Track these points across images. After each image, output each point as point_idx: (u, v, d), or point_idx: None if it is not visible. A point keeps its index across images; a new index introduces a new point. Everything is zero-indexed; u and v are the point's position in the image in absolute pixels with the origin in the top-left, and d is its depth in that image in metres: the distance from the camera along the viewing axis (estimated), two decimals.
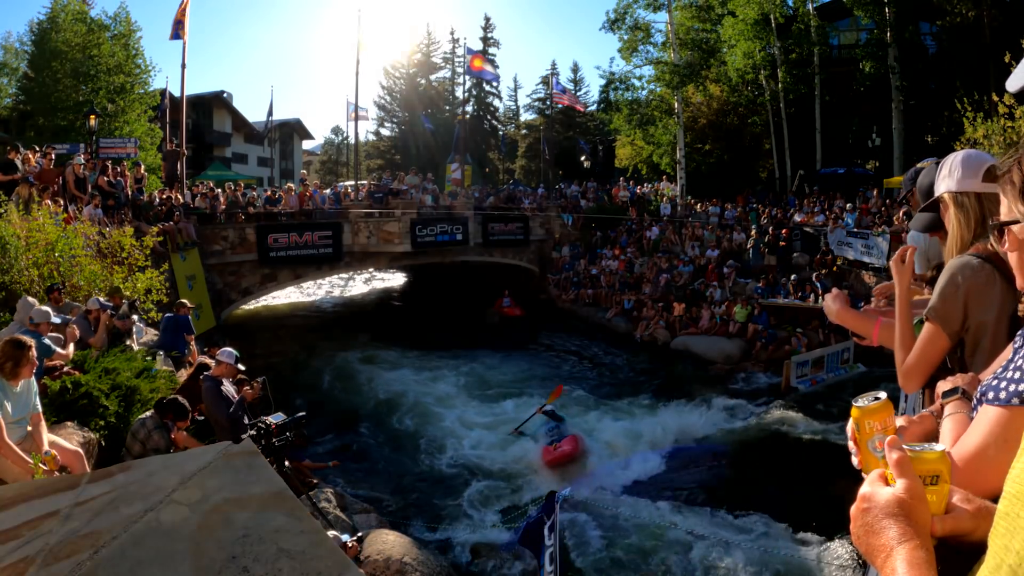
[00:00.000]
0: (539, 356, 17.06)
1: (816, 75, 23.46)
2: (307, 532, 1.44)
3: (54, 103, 21.60)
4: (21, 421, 4.29)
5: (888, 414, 1.08)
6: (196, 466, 1.64)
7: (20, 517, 1.42)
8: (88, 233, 9.50)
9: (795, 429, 11.34)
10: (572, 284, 21.07)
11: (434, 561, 6.65)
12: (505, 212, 23.14)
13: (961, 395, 1.38)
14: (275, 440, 5.79)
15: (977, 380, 1.48)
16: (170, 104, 22.83)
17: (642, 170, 29.03)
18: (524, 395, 13.54)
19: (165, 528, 1.38)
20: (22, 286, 7.83)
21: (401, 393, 13.81)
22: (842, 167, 22.98)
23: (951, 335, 1.69)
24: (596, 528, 8.26)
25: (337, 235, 18.43)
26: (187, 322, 8.87)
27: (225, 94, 42.13)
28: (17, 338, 4.36)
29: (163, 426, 4.99)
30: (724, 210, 21.81)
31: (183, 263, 14.34)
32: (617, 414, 12.39)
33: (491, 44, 45.12)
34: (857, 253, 16.33)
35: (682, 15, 25.67)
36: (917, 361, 1.76)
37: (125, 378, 6.07)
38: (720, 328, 16.13)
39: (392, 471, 10.67)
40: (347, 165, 49.70)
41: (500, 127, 48.57)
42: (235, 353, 6.38)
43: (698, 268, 18.93)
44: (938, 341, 1.71)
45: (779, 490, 9.25)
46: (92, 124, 16.45)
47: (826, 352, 13.74)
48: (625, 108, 26.43)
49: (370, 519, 7.67)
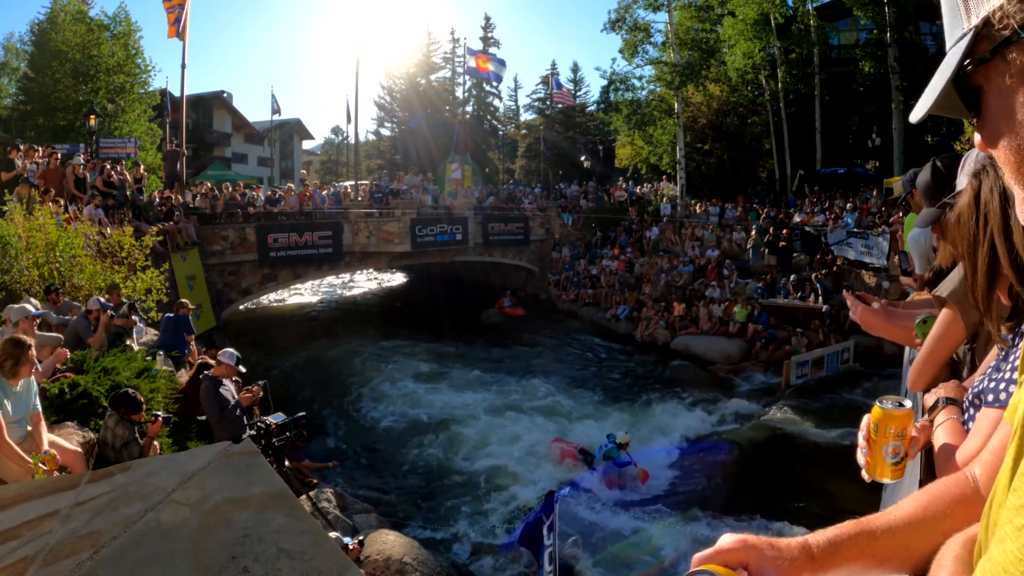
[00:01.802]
0: (539, 356, 17.05)
1: (816, 75, 23.46)
2: (307, 532, 1.44)
3: (54, 103, 21.60)
4: (21, 421, 4.28)
5: (909, 423, 1.09)
6: (196, 466, 1.63)
7: (20, 517, 1.42)
8: (88, 233, 9.50)
9: (795, 429, 11.34)
10: (572, 284, 21.08)
11: (434, 561, 6.65)
12: (505, 212, 23.15)
13: (945, 403, 1.38)
14: (275, 440, 5.80)
15: (961, 386, 1.48)
16: (170, 104, 22.82)
17: (642, 170, 29.03)
18: (524, 395, 13.55)
19: (165, 528, 1.38)
20: (22, 286, 7.83)
21: (401, 393, 13.82)
22: (842, 167, 22.98)
23: (969, 325, 1.62)
24: (596, 528, 8.26)
25: (337, 235, 18.44)
26: (187, 322, 8.87)
27: (225, 94, 42.11)
28: (17, 337, 4.36)
29: (123, 420, 5.00)
30: (724, 210, 21.81)
31: (183, 263, 14.33)
32: (617, 414, 12.39)
33: (491, 44, 45.09)
34: (857, 253, 16.33)
35: (682, 15, 25.67)
36: (930, 352, 1.71)
37: (125, 378, 6.06)
38: (720, 328, 16.13)
39: (392, 471, 10.67)
40: (347, 165, 49.70)
41: (500, 127, 48.55)
42: (236, 354, 6.38)
43: (698, 268, 18.93)
44: (955, 329, 1.64)
45: (779, 490, 9.26)
46: (92, 124, 16.44)
47: (826, 352, 13.74)
48: (625, 108, 26.43)
49: (370, 519, 7.67)
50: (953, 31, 0.59)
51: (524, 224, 22.31)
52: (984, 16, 0.54)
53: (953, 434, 1.28)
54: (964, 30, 0.56)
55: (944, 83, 0.58)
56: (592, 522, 8.39)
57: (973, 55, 0.55)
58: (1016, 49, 0.52)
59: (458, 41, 44.53)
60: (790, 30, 23.57)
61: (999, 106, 0.55)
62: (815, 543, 0.86)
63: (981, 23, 0.54)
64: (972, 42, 0.55)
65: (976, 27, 0.55)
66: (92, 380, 5.80)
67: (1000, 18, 0.52)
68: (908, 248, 3.71)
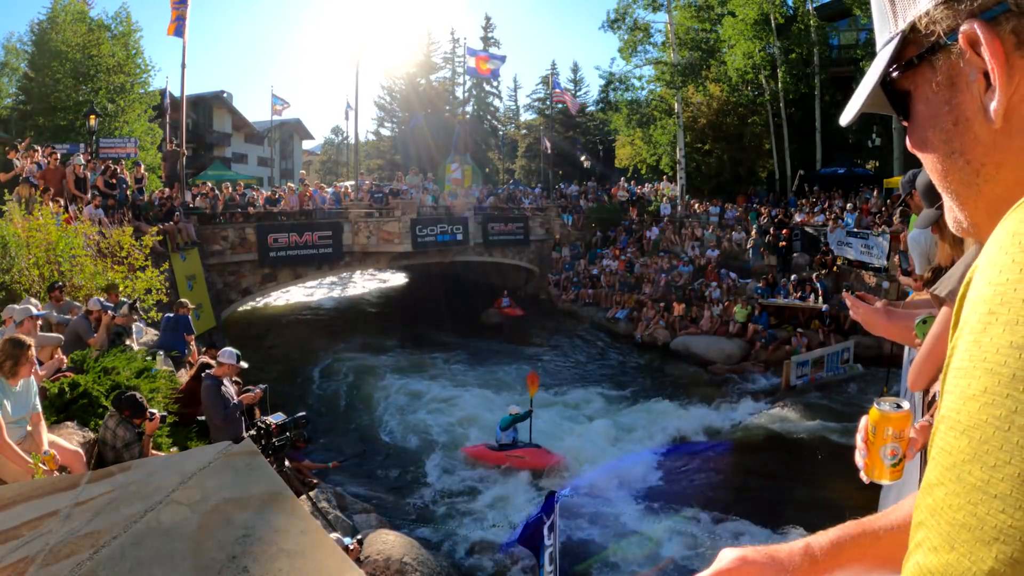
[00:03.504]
0: (539, 356, 17.06)
1: (816, 75, 23.45)
2: (307, 532, 1.44)
3: (54, 103, 21.59)
4: (21, 421, 4.28)
5: (907, 424, 1.10)
6: (196, 466, 1.63)
7: (20, 517, 1.42)
8: (88, 233, 9.50)
9: (795, 429, 11.34)
10: (572, 284, 21.08)
11: (434, 561, 6.65)
12: (505, 212, 23.15)
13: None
14: (275, 440, 5.80)
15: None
16: (170, 104, 22.81)
17: (642, 170, 29.02)
18: (524, 395, 13.54)
19: (165, 528, 1.38)
20: (22, 286, 7.83)
21: (401, 393, 13.82)
22: (842, 167, 22.97)
23: None
24: (596, 528, 8.26)
25: (337, 235, 18.44)
26: (187, 322, 8.87)
27: (225, 94, 42.09)
28: (16, 337, 4.35)
29: (124, 421, 5.00)
30: (724, 210, 21.80)
31: (183, 263, 14.33)
32: (617, 414, 12.39)
33: (491, 44, 45.09)
34: (857, 253, 16.32)
35: (682, 15, 25.66)
36: (930, 351, 1.71)
37: (125, 378, 6.06)
38: (720, 328, 16.13)
39: (392, 471, 10.67)
40: (347, 165, 49.69)
41: (500, 127, 48.55)
42: (236, 352, 6.39)
43: (698, 268, 18.93)
44: None
45: (779, 490, 9.26)
46: (92, 124, 16.44)
47: (826, 352, 13.74)
48: (625, 108, 26.41)
49: (370, 519, 7.68)
50: (882, 33, 0.57)
51: (524, 224, 22.32)
52: (911, 21, 0.52)
53: None
54: (892, 33, 0.55)
55: (872, 85, 0.57)
56: (592, 522, 8.39)
57: (900, 59, 0.54)
58: (942, 56, 0.51)
59: (458, 41, 44.55)
60: (790, 30, 23.56)
61: (925, 113, 0.54)
62: (818, 546, 0.86)
63: (908, 27, 0.53)
64: (899, 46, 0.54)
65: (903, 31, 0.54)
66: (92, 380, 5.79)
67: (927, 24, 0.51)
68: (909, 248, 3.71)
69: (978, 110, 0.50)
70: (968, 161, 0.52)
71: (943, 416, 0.44)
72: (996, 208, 0.52)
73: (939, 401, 0.45)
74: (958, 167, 0.53)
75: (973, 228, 0.56)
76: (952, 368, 0.45)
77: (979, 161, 0.51)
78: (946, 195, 0.56)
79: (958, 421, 0.42)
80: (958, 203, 0.55)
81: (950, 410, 0.44)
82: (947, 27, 0.50)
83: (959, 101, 0.51)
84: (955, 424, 0.43)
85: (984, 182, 0.52)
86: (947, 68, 0.51)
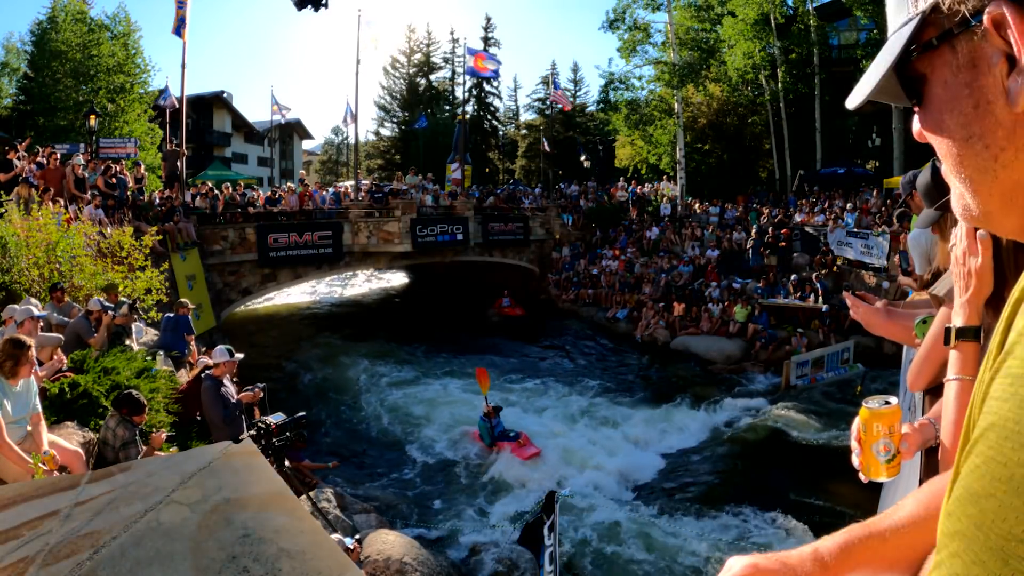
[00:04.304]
0: (539, 356, 17.06)
1: (816, 75, 23.46)
2: (307, 532, 1.44)
3: (54, 103, 21.62)
4: (21, 421, 4.28)
5: (896, 420, 1.09)
6: (196, 466, 1.63)
7: (20, 517, 1.42)
8: (88, 233, 9.50)
9: (795, 429, 11.34)
10: (572, 284, 21.07)
11: (434, 561, 6.65)
12: (505, 212, 23.14)
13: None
14: (275, 440, 5.80)
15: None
16: (170, 104, 22.80)
17: (642, 170, 29.03)
18: (524, 395, 13.55)
19: (165, 528, 1.38)
20: (22, 286, 7.83)
21: (401, 393, 13.82)
22: (842, 167, 22.98)
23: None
24: (596, 528, 8.26)
25: (337, 235, 18.44)
26: (187, 322, 8.87)
27: (225, 94, 42.12)
28: (16, 337, 4.35)
29: (124, 420, 5.01)
30: (724, 210, 21.80)
31: (183, 263, 14.33)
32: (617, 414, 12.39)
33: (491, 44, 45.08)
34: (857, 253, 16.33)
35: (681, 15, 25.66)
36: (929, 351, 1.70)
37: (125, 378, 6.06)
38: (720, 328, 16.13)
39: (392, 471, 10.67)
40: (347, 165, 49.70)
41: (500, 127, 48.54)
42: (227, 347, 6.41)
43: (698, 268, 18.93)
44: None
45: (779, 490, 9.25)
46: (92, 124, 16.44)
47: (826, 352, 13.73)
48: (624, 108, 26.41)
49: (370, 519, 7.67)
50: (898, 15, 0.57)
51: (524, 224, 22.31)
52: (932, 1, 0.52)
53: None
54: (911, 14, 0.54)
55: (886, 69, 0.56)
56: (592, 522, 8.39)
57: (919, 41, 0.53)
58: (965, 38, 0.50)
59: (458, 41, 44.55)
60: (790, 30, 23.57)
61: (943, 96, 0.53)
62: (826, 550, 0.85)
63: (929, 8, 0.52)
64: (918, 28, 0.53)
65: (923, 12, 0.53)
66: (92, 380, 5.80)
67: (950, 4, 0.50)
68: (909, 248, 3.71)
69: (1000, 93, 0.49)
70: (987, 146, 0.51)
71: (993, 424, 0.42)
72: (1011, 195, 0.51)
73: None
74: (975, 152, 0.52)
75: (984, 216, 0.55)
76: (1010, 375, 0.43)
77: (998, 146, 0.50)
78: (958, 181, 0.55)
79: (1018, 432, 0.40)
80: (971, 190, 0.54)
81: (1007, 419, 0.41)
82: (972, 7, 0.49)
83: (981, 84, 0.50)
84: (1013, 434, 0.40)
85: (1001, 167, 0.51)
86: (969, 50, 0.50)
